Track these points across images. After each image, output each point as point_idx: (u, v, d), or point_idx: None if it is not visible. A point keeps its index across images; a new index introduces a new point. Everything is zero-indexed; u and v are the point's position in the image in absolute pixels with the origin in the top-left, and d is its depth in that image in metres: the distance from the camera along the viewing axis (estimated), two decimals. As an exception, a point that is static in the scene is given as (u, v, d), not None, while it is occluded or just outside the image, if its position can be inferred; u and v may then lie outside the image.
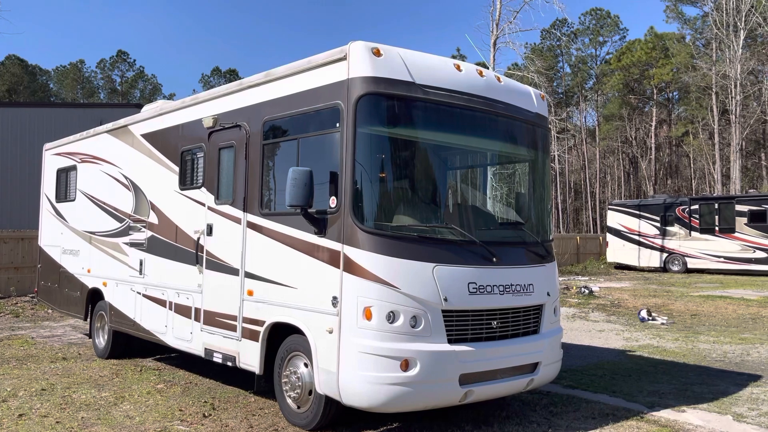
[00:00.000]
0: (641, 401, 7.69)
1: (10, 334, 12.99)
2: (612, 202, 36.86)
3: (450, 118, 6.27)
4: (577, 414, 7.08)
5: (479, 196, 6.78)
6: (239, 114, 7.31)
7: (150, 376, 8.83)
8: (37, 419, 6.77)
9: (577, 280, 26.69)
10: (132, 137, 9.50)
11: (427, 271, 5.76)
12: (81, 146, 11.07)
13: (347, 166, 5.80)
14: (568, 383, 8.58)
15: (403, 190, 6.22)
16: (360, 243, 5.72)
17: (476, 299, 5.99)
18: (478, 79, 6.50)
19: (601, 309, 17.07)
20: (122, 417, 6.84)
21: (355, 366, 5.66)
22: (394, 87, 5.89)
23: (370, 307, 5.63)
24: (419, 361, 5.63)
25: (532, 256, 6.73)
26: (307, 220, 6.10)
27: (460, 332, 5.95)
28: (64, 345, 11.56)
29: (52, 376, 8.90)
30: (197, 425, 6.56)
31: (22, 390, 8.05)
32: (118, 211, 9.73)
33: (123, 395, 7.77)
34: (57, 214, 11.85)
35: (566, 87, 70.68)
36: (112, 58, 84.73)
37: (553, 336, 6.86)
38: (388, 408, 5.71)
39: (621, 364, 10.03)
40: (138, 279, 9.11)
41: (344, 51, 5.98)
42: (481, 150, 6.80)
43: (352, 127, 5.81)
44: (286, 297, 6.43)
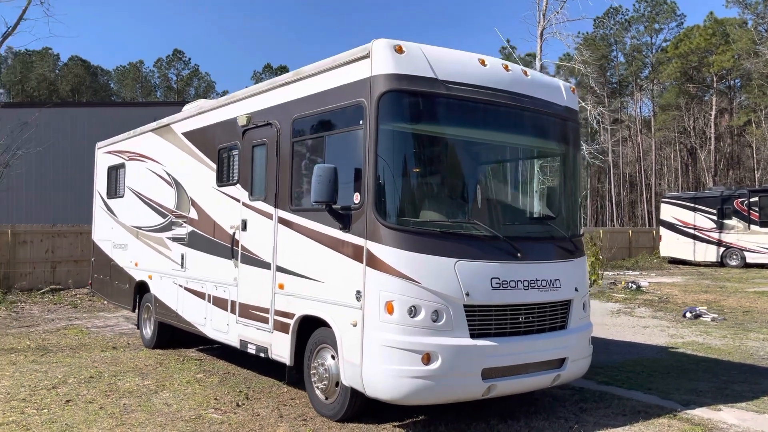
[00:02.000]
0: (676, 399, 7.55)
1: (67, 324, 13.65)
2: (666, 194, 35.87)
3: (473, 114, 6.29)
4: (607, 411, 7.02)
5: (505, 191, 6.77)
6: (270, 112, 7.50)
7: (191, 366, 9.17)
8: (83, 405, 7.14)
9: (627, 275, 26.13)
10: (174, 135, 9.84)
11: (449, 266, 5.81)
12: (129, 144, 11.52)
13: (370, 163, 5.90)
14: (602, 379, 8.48)
15: (425, 186, 6.29)
16: (382, 238, 5.82)
17: (499, 294, 6.01)
18: (503, 74, 6.49)
19: (648, 305, 16.70)
20: (161, 404, 7.15)
21: (377, 359, 5.77)
22: (416, 83, 5.95)
23: (392, 302, 5.72)
24: (441, 355, 5.70)
25: (559, 251, 6.69)
26: (331, 215, 6.24)
27: (483, 327, 5.98)
28: (116, 335, 12.08)
29: (101, 364, 9.34)
30: (230, 413, 6.80)
31: (72, 377, 8.49)
32: (161, 207, 10.11)
33: (164, 384, 8.11)
34: (108, 210, 12.36)
35: (620, 77, 68.94)
36: (168, 57, 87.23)
37: (581, 331, 6.81)
38: (410, 401, 5.81)
39: (661, 361, 9.84)
40: (180, 272, 9.46)
41: (367, 49, 6.08)
42: (507, 145, 6.79)
43: (375, 124, 5.90)
44: (314, 291, 6.59)
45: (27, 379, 8.40)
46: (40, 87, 77.57)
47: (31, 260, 19.59)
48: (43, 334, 12.23)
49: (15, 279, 19.12)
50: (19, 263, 19.48)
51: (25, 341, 11.43)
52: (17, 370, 8.95)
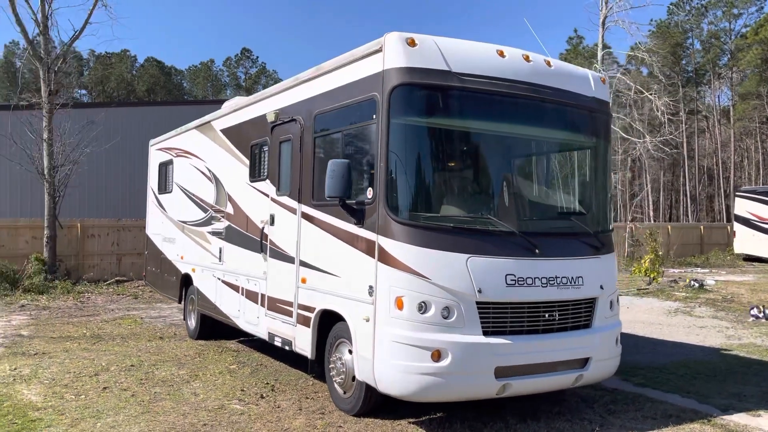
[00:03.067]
0: (715, 403, 7.19)
1: (124, 314, 14.25)
2: (740, 188, 34.06)
3: (489, 106, 6.15)
4: (636, 414, 6.75)
5: (524, 186, 6.57)
6: (295, 108, 7.57)
7: (227, 357, 9.40)
8: (117, 392, 7.45)
9: (695, 272, 25.03)
10: (214, 132, 10.09)
11: (461, 262, 5.71)
12: (176, 141, 11.89)
13: (381, 157, 5.87)
14: (639, 381, 8.16)
15: (438, 180, 6.20)
16: (393, 233, 5.78)
17: (515, 291, 5.87)
18: (523, 65, 6.32)
19: (710, 304, 15.93)
20: (189, 393, 7.37)
21: (388, 354, 5.75)
22: (428, 77, 5.87)
23: (402, 297, 5.69)
24: (451, 352, 5.62)
25: (582, 247, 6.47)
26: (345, 210, 6.25)
27: (497, 324, 5.85)
28: (166, 325, 12.52)
29: (145, 353, 9.71)
30: (252, 405, 6.93)
31: (114, 365, 8.86)
32: (203, 202, 10.39)
33: (197, 374, 8.35)
34: (159, 205, 12.82)
35: (696, 65, 65.88)
36: (237, 56, 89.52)
37: (607, 331, 6.56)
38: (420, 397, 5.75)
39: (709, 363, 9.37)
40: (218, 266, 9.71)
41: (380, 43, 6.04)
42: (526, 138, 6.59)
43: (386, 118, 5.86)
44: (332, 285, 6.62)
45: (74, 366, 8.82)
46: (119, 87, 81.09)
47: (99, 253, 20.59)
48: (100, 324, 12.82)
49: (84, 270, 20.13)
50: (87, 256, 20.50)
51: (83, 330, 12.01)
52: (68, 357, 9.42)
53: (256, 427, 6.16)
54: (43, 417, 6.50)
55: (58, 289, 17.99)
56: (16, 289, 17.73)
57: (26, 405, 6.95)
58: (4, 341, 10.86)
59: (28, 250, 19.21)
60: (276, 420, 6.40)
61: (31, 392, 7.49)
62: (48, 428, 6.16)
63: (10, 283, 17.91)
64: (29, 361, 9.16)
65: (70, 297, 17.33)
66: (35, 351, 9.95)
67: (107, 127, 22.35)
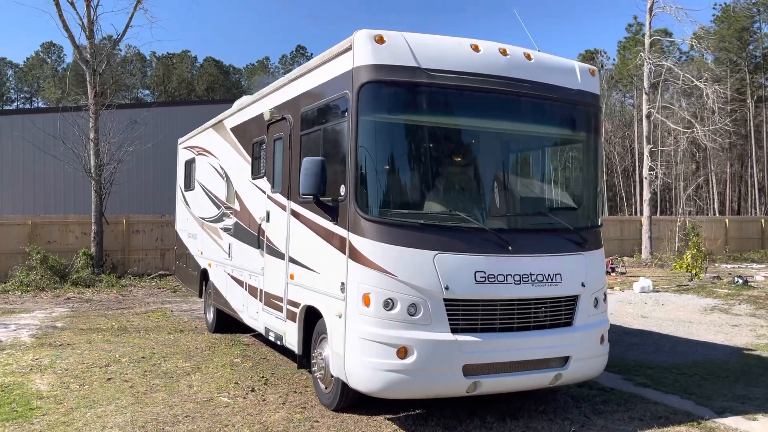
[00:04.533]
0: (714, 406, 6.91)
1: (157, 308, 14.79)
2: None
3: (459, 101, 6.08)
4: (623, 414, 6.56)
5: (499, 181, 6.44)
6: (285, 107, 7.68)
7: (235, 351, 9.64)
8: (119, 383, 7.76)
9: (749, 268, 23.93)
10: (225, 131, 10.33)
11: (428, 259, 5.69)
12: (197, 140, 12.23)
13: (352, 155, 5.90)
14: (641, 381, 7.92)
15: (407, 177, 6.17)
16: (362, 230, 5.81)
17: (485, 288, 5.80)
18: (498, 59, 6.21)
19: (752, 302, 15.23)
20: (185, 386, 7.60)
21: (356, 351, 5.79)
22: (395, 73, 5.85)
23: (369, 294, 5.71)
24: (416, 349, 5.61)
25: (562, 243, 6.32)
26: (319, 207, 6.31)
27: (467, 322, 5.80)
28: (191, 319, 12.92)
29: (159, 345, 10.06)
30: (240, 398, 7.10)
31: (126, 357, 9.22)
32: (217, 199, 10.66)
33: (200, 366, 8.60)
34: (185, 202, 13.21)
35: (765, 50, 62.66)
36: (291, 53, 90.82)
37: (590, 329, 6.40)
38: (387, 394, 5.77)
39: (726, 363, 9.00)
40: (228, 261, 9.95)
41: (350, 41, 6.06)
42: (501, 132, 6.45)
43: (356, 115, 5.88)
44: (313, 281, 6.71)
45: (90, 357, 9.23)
46: (180, 87, 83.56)
47: (143, 248, 21.39)
48: (130, 316, 13.35)
49: (129, 265, 20.96)
50: (132, 250, 21.33)
51: (112, 322, 12.53)
52: (88, 349, 9.86)
53: (234, 420, 6.32)
54: (43, 405, 6.85)
55: (103, 283, 18.82)
56: (65, 282, 18.64)
57: (33, 394, 7.33)
58: (37, 332, 11.44)
59: (78, 245, 20.14)
60: (257, 413, 6.54)
61: (42, 382, 7.89)
62: (43, 416, 6.48)
63: (60, 276, 18.83)
64: (51, 352, 9.64)
65: (114, 290, 18.08)
66: (61, 342, 10.45)
67: (151, 127, 23.11)
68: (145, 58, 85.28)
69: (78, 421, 6.30)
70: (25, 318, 13.32)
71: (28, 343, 10.41)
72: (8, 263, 19.15)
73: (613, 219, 31.17)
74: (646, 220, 25.90)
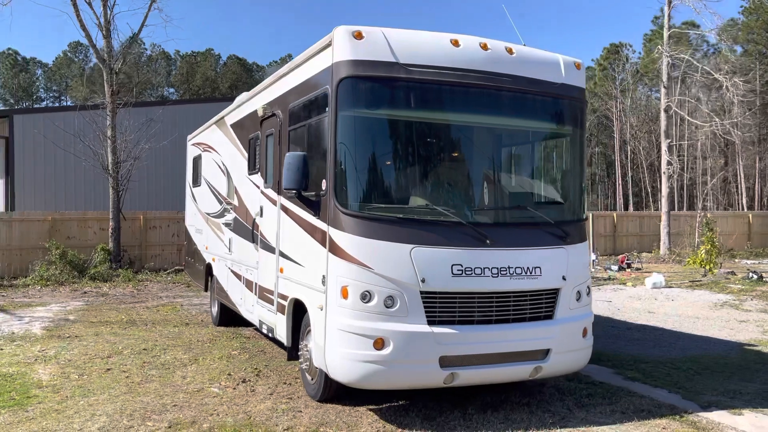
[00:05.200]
0: (701, 400, 6.88)
1: (168, 302, 15.07)
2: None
3: (437, 96, 6.13)
4: (606, 408, 6.57)
5: (477, 175, 6.45)
6: (276, 103, 7.81)
7: (234, 343, 9.81)
8: (117, 373, 7.97)
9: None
10: (226, 127, 10.50)
11: (404, 252, 5.77)
12: (203, 137, 12.43)
13: (331, 150, 6.00)
14: (632, 375, 7.90)
15: (385, 172, 6.24)
16: (341, 224, 5.90)
17: (461, 281, 5.86)
18: (478, 53, 6.25)
19: (765, 297, 15.01)
20: (179, 377, 7.78)
21: (335, 342, 5.89)
22: (373, 69, 5.93)
23: (347, 287, 5.81)
24: (393, 340, 5.69)
25: (542, 237, 6.34)
26: (302, 202, 6.42)
27: (444, 314, 5.87)
28: (199, 313, 13.15)
29: (162, 338, 10.28)
30: (230, 389, 7.25)
31: (129, 349, 9.45)
32: (220, 195, 10.85)
33: (198, 358, 8.78)
34: (193, 198, 13.44)
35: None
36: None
37: (572, 322, 6.42)
38: (365, 384, 5.86)
39: (725, 358, 8.92)
40: (228, 256, 10.13)
41: (330, 37, 6.15)
42: (480, 127, 6.48)
43: (335, 110, 5.98)
44: (299, 275, 6.83)
45: (94, 349, 9.49)
46: (204, 85, 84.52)
47: (160, 243, 21.75)
48: (141, 310, 13.63)
49: (146, 260, 21.34)
50: (149, 246, 21.72)
51: (122, 315, 12.82)
52: (94, 341, 10.12)
53: (220, 410, 6.47)
54: (40, 394, 7.08)
55: (120, 277, 19.20)
56: (83, 276, 19.07)
57: (33, 383, 7.57)
58: (49, 325, 11.76)
59: (96, 240, 20.57)
60: (243, 403, 6.69)
61: (45, 372, 8.14)
62: (38, 404, 6.71)
63: (78, 271, 19.27)
64: (58, 344, 9.92)
65: (130, 285, 18.45)
66: (69, 334, 10.74)
67: (167, 124, 23.47)
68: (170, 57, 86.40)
69: (70, 409, 6.51)
70: (41, 311, 13.69)
71: (39, 335, 10.72)
72: (29, 258, 19.64)
73: (632, 214, 30.83)
74: (664, 215, 25.58)
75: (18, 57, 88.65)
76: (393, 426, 5.98)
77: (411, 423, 6.05)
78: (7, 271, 19.57)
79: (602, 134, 79.10)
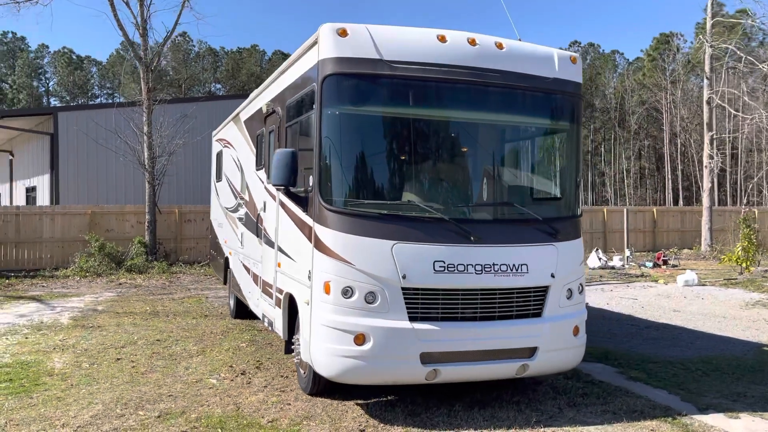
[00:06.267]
0: (700, 402, 6.69)
1: (195, 294, 15.44)
2: None
3: (422, 92, 6.11)
4: (598, 407, 6.46)
5: (463, 172, 6.40)
6: (276, 100, 7.91)
7: (245, 336, 10.00)
8: (125, 363, 8.24)
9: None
10: (240, 123, 10.68)
11: (386, 248, 5.78)
12: (223, 133, 12.67)
13: (316, 146, 6.05)
14: (635, 375, 7.74)
15: (368, 168, 6.25)
16: (324, 220, 5.96)
17: (443, 278, 5.84)
18: (466, 49, 6.20)
19: (801, 296, 14.42)
20: (182, 368, 7.99)
21: (319, 337, 5.96)
22: (357, 66, 5.95)
23: (329, 282, 5.86)
24: (373, 336, 5.73)
25: (530, 234, 6.26)
26: (290, 198, 6.50)
27: (426, 310, 5.87)
28: (221, 305, 13.43)
29: (178, 329, 10.56)
30: (228, 380, 7.41)
31: (143, 339, 9.75)
32: (235, 190, 11.05)
33: (205, 350, 8.99)
34: (216, 192, 13.71)
35: None
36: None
37: (561, 320, 6.32)
38: (345, 379, 5.91)
39: (738, 359, 8.63)
40: (240, 250, 10.32)
41: (317, 35, 6.20)
42: (467, 123, 6.41)
43: (319, 107, 6.03)
44: (292, 269, 6.92)
45: (111, 339, 9.81)
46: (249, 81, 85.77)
47: (194, 236, 22.25)
48: (166, 301, 14.01)
49: (181, 253, 21.89)
50: (184, 239, 22.25)
51: (147, 306, 13.21)
52: (114, 331, 10.48)
53: (212, 401, 6.62)
54: (48, 382, 7.38)
55: (155, 269, 19.76)
56: (120, 268, 19.71)
57: (46, 371, 7.89)
58: (77, 315, 12.22)
59: (133, 233, 21.21)
60: (236, 395, 6.83)
61: (60, 360, 8.47)
62: (44, 392, 6.99)
63: (116, 263, 19.91)
64: (80, 333, 10.30)
65: (163, 277, 18.97)
66: (93, 324, 11.13)
67: (201, 120, 23.96)
68: (216, 53, 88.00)
69: (71, 396, 6.77)
70: (74, 301, 14.22)
71: (65, 325, 11.15)
72: (70, 250, 20.39)
73: (673, 209, 29.98)
74: (705, 210, 24.79)
75: (73, 55, 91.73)
76: (376, 421, 6.01)
77: (394, 418, 6.08)
78: (50, 262, 20.37)
79: (651, 126, 77.09)
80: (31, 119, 25.63)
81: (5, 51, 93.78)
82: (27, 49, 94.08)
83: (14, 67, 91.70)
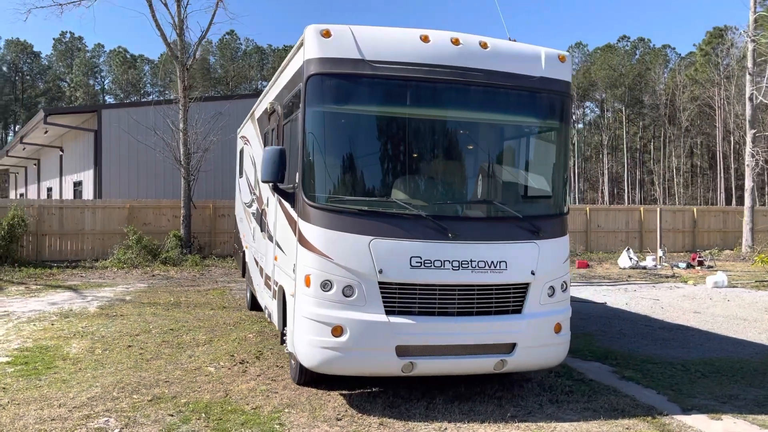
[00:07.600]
0: (687, 403, 6.64)
1: (221, 286, 15.91)
2: None
3: (403, 92, 6.23)
4: (580, 405, 6.48)
5: (444, 170, 6.48)
6: (277, 99, 8.16)
7: (255, 327, 10.31)
8: (134, 350, 8.64)
9: None
10: (254, 121, 10.99)
11: (363, 243, 5.95)
12: (243, 130, 13.03)
13: (300, 144, 6.26)
14: (629, 374, 7.71)
15: (349, 166, 6.41)
16: (307, 216, 6.17)
17: (420, 273, 5.97)
18: (449, 49, 6.29)
19: (833, 300, 13.93)
20: (186, 356, 8.33)
21: (300, 328, 6.18)
22: (339, 66, 6.13)
23: (309, 275, 6.07)
24: (349, 328, 5.90)
25: (510, 231, 6.32)
26: (279, 194, 6.73)
27: (402, 305, 6.01)
28: (242, 298, 13.80)
29: (194, 320, 10.96)
30: (225, 369, 7.71)
31: (158, 328, 10.16)
32: (250, 186, 11.38)
33: (213, 340, 9.33)
34: (238, 188, 14.11)
35: None
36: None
37: (541, 317, 6.37)
38: (324, 369, 6.11)
39: (744, 362, 8.48)
40: (253, 244, 10.64)
41: (303, 36, 6.40)
42: (449, 121, 6.49)
43: (303, 106, 6.24)
44: (283, 263, 7.16)
45: (130, 327, 10.27)
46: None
47: (228, 231, 22.83)
48: (191, 293, 14.50)
49: (214, 246, 22.51)
50: (218, 233, 22.87)
51: (171, 297, 13.71)
52: (134, 320, 10.95)
53: (205, 388, 6.92)
54: (60, 365, 7.82)
55: (188, 262, 20.41)
56: (155, 260, 20.42)
57: (62, 356, 8.35)
58: (105, 304, 12.79)
59: (169, 227, 21.94)
60: (229, 382, 7.11)
61: (77, 346, 8.94)
62: (54, 375, 7.42)
63: (152, 255, 20.65)
64: (102, 321, 10.80)
65: (196, 269, 19.59)
66: (116, 313, 11.65)
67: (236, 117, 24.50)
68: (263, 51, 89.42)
69: (75, 380, 7.17)
70: (105, 291, 14.86)
71: (91, 313, 11.70)
72: (110, 242, 21.24)
73: (715, 209, 29.14)
74: (747, 210, 24.06)
75: (127, 54, 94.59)
76: (354, 410, 6.19)
77: (373, 409, 6.24)
78: (90, 254, 21.26)
79: (704, 123, 74.79)
80: (77, 116, 26.69)
81: (63, 50, 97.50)
82: (84, 48, 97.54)
83: (72, 66, 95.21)
